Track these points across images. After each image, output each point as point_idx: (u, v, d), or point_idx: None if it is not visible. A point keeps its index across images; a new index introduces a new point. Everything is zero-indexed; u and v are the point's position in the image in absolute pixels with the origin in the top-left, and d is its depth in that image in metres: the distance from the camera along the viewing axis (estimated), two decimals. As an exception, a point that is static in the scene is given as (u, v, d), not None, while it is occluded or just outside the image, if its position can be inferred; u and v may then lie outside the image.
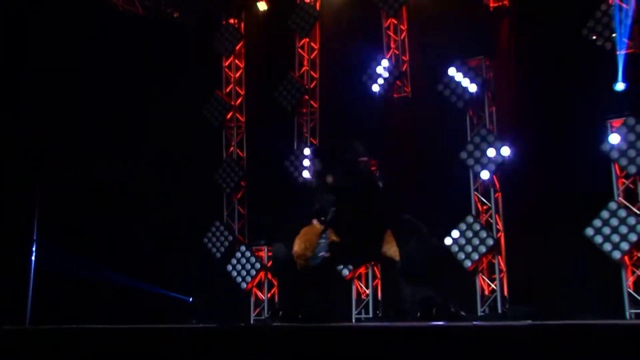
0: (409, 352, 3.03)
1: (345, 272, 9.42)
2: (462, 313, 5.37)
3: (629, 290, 7.64)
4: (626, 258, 7.68)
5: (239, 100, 11.39)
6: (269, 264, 10.02)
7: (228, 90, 11.46)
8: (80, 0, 9.82)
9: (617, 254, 7.62)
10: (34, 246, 8.17)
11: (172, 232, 10.69)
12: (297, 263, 5.44)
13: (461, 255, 8.58)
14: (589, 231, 7.76)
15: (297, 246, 5.46)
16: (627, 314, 7.56)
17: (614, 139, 7.82)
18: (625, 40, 8.06)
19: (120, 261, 9.57)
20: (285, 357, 3.13)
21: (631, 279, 7.68)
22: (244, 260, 10.29)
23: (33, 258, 8.19)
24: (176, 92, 10.78)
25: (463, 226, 8.65)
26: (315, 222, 5.63)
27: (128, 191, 10.06)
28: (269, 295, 10.24)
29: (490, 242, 8.48)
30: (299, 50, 10.87)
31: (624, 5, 8.13)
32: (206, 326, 5.34)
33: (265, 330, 4.39)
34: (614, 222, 7.67)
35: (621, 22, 8.08)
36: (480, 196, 8.88)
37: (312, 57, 10.81)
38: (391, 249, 5.37)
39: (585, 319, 6.92)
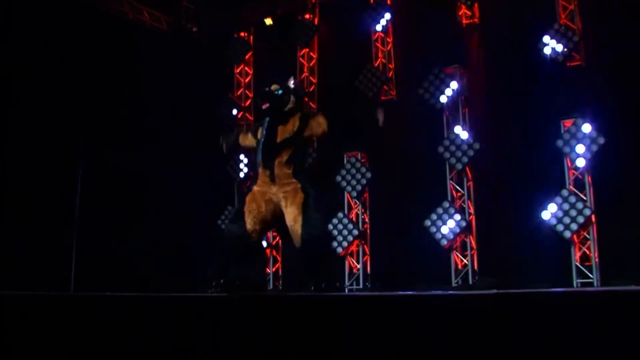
0: (393, 318, 3.10)
1: (339, 249, 9.53)
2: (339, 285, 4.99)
3: (576, 263, 7.72)
4: (575, 237, 7.77)
5: (248, 102, 11.46)
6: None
7: (239, 93, 11.53)
8: (115, 19, 9.96)
9: (567, 234, 7.73)
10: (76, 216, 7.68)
11: (190, 214, 10.74)
12: (251, 238, 4.87)
13: (438, 235, 8.69)
14: (545, 214, 7.87)
15: (249, 224, 4.86)
16: (575, 283, 7.71)
17: (566, 136, 7.90)
18: (573, 54, 8.20)
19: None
20: (292, 323, 3.18)
21: (578, 254, 7.77)
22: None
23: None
24: (194, 95, 10.83)
25: (440, 210, 8.72)
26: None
27: (151, 178, 10.07)
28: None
29: (463, 223, 8.50)
30: (300, 59, 10.89)
31: (572, 25, 8.30)
32: (219, 295, 4.92)
33: (274, 300, 4.35)
34: (566, 206, 7.72)
35: (570, 39, 8.18)
36: (454, 184, 8.91)
37: (311, 64, 10.83)
38: (296, 226, 4.72)
39: (541, 288, 7.08)
